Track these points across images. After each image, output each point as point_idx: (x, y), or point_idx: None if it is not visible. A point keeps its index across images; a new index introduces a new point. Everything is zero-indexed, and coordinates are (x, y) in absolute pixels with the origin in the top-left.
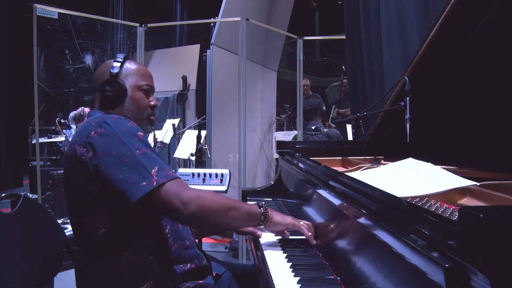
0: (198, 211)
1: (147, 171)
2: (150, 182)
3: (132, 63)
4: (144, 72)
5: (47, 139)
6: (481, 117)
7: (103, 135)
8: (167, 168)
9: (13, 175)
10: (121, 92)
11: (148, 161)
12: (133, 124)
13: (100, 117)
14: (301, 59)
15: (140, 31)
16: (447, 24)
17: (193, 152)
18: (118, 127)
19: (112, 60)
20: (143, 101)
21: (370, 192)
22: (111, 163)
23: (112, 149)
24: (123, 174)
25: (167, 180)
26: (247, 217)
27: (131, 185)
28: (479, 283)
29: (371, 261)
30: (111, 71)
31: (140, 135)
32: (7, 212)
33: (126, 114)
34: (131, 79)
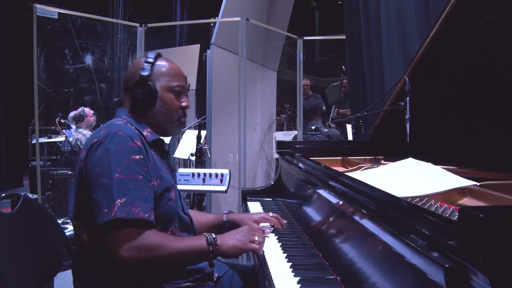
0: (134, 262)
1: (113, 199)
2: (110, 212)
3: (164, 61)
4: (176, 72)
5: (47, 139)
6: (481, 117)
7: (99, 147)
8: (137, 204)
9: (13, 175)
10: (151, 95)
11: (119, 189)
12: (134, 145)
13: (111, 127)
14: (301, 59)
15: (140, 31)
16: (447, 24)
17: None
18: (114, 144)
19: (143, 58)
20: (173, 103)
21: (370, 192)
22: (92, 179)
23: (98, 165)
24: (96, 194)
25: (125, 217)
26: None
27: (97, 207)
28: (479, 283)
29: (371, 261)
30: (141, 73)
31: (133, 158)
32: (7, 212)
33: (156, 118)
34: (162, 80)
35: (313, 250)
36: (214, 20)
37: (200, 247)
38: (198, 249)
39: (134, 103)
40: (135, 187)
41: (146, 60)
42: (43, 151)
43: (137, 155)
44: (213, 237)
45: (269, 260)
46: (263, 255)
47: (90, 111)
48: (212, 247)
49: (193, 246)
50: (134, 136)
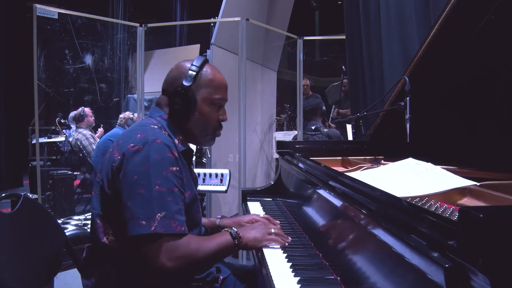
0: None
1: (153, 212)
2: (149, 225)
3: (209, 70)
4: (219, 84)
5: (47, 139)
6: (481, 117)
7: (137, 154)
8: (176, 217)
9: (13, 175)
10: (190, 107)
11: (159, 202)
12: (172, 156)
13: (148, 132)
14: (301, 59)
15: (140, 31)
16: (447, 24)
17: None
18: (153, 154)
19: (188, 63)
20: (211, 115)
21: (370, 192)
22: (128, 186)
23: (135, 173)
24: (132, 203)
25: (165, 232)
26: (224, 253)
27: (133, 218)
28: (479, 283)
29: (371, 261)
30: (184, 82)
31: (171, 170)
32: (7, 212)
33: (191, 128)
34: (204, 91)
35: (313, 250)
36: (214, 20)
37: (228, 242)
38: (226, 244)
39: (171, 111)
40: (173, 200)
41: (190, 68)
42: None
43: (174, 167)
44: (235, 231)
45: (269, 260)
46: (263, 255)
47: (90, 111)
48: (237, 240)
49: (222, 243)
50: (172, 146)
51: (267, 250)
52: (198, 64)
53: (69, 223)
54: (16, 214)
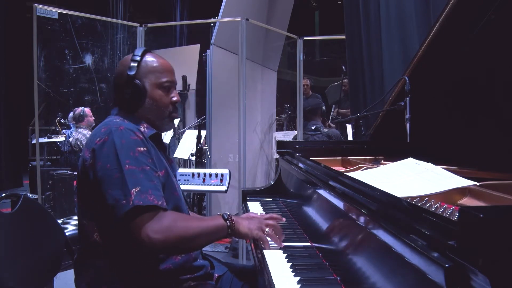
0: (163, 246)
1: (128, 189)
2: (128, 201)
3: (151, 57)
4: (164, 67)
5: (47, 139)
6: (481, 117)
7: (104, 144)
8: (150, 192)
9: (13, 175)
10: (139, 94)
11: (132, 179)
12: (137, 138)
13: (111, 124)
14: (301, 59)
15: (140, 31)
16: (447, 24)
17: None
18: (118, 139)
19: (130, 56)
20: (163, 99)
21: (370, 192)
22: (104, 175)
23: (107, 161)
24: (112, 189)
25: (143, 204)
26: (215, 235)
27: (116, 202)
28: (479, 283)
29: (371, 261)
30: (128, 72)
31: (138, 150)
32: (7, 212)
33: (146, 115)
34: (151, 77)
35: (313, 250)
36: (214, 20)
37: (219, 224)
38: (217, 226)
39: (123, 102)
40: (145, 177)
41: (132, 58)
42: (43, 151)
43: (141, 147)
44: (228, 214)
45: (269, 260)
46: (263, 255)
47: (90, 111)
48: (229, 222)
49: (212, 224)
50: (135, 130)
51: (267, 250)
52: (139, 53)
53: (69, 223)
54: (16, 214)
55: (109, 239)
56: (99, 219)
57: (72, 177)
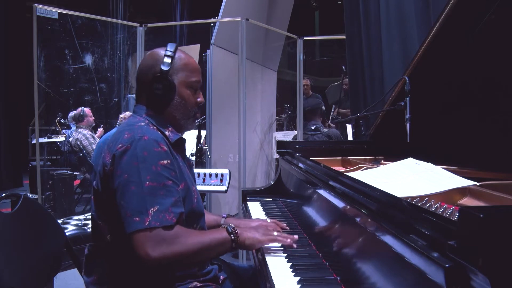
0: (161, 262)
1: (145, 208)
2: (143, 220)
3: (182, 55)
4: (194, 67)
5: (47, 139)
6: (481, 117)
7: (126, 153)
8: (170, 210)
9: (13, 175)
10: (171, 91)
11: (151, 197)
12: (161, 150)
13: (135, 131)
14: (301, 59)
15: (140, 31)
16: (447, 24)
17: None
18: (141, 150)
19: (161, 50)
20: (190, 99)
21: (370, 192)
22: (120, 186)
23: (126, 172)
24: (125, 201)
25: (160, 225)
26: (218, 249)
27: (127, 216)
28: (479, 283)
29: (371, 261)
30: (162, 67)
31: (161, 164)
32: (7, 212)
33: (173, 113)
34: (181, 75)
35: (313, 250)
36: (214, 20)
37: (223, 238)
38: (220, 239)
39: (152, 99)
40: (166, 193)
41: (166, 54)
42: (43, 151)
43: (164, 160)
44: (232, 226)
45: (269, 260)
46: (263, 255)
47: (90, 111)
48: (234, 235)
49: (216, 238)
50: (160, 140)
51: (267, 250)
52: (172, 49)
53: (69, 223)
54: (16, 214)
55: (121, 243)
56: (113, 223)
57: (72, 177)
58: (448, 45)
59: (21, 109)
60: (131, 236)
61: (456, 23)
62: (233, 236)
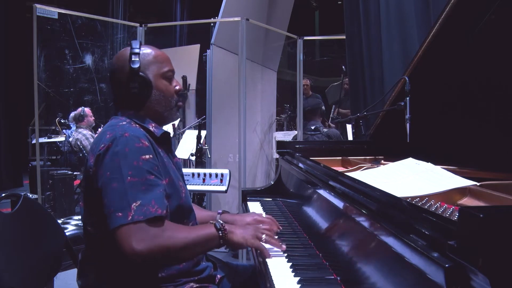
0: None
1: (128, 203)
2: (126, 215)
3: (147, 49)
4: (163, 58)
5: (47, 139)
6: (481, 117)
7: (107, 151)
8: (153, 203)
9: (13, 175)
10: (147, 86)
11: (133, 192)
12: (142, 145)
13: (116, 130)
14: (301, 59)
15: (140, 31)
16: (447, 24)
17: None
18: (122, 147)
19: (127, 50)
20: (168, 89)
21: (370, 192)
22: (103, 183)
23: (108, 169)
24: (108, 198)
25: (143, 219)
26: (205, 245)
27: (110, 212)
28: (479, 283)
29: (371, 261)
30: (132, 66)
31: (143, 158)
32: (7, 212)
33: (154, 108)
34: (153, 68)
35: (313, 250)
36: (214, 20)
37: (211, 233)
38: (208, 235)
39: (130, 98)
40: (148, 187)
41: (132, 51)
42: (43, 151)
43: (146, 155)
44: (220, 223)
45: (269, 260)
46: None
47: (90, 111)
48: (221, 232)
49: (203, 233)
50: (141, 136)
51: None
52: (137, 46)
53: (69, 223)
54: (16, 214)
55: (113, 245)
56: (102, 226)
57: (72, 177)
58: (448, 45)
59: (21, 109)
60: (115, 231)
61: (456, 23)
62: (221, 233)
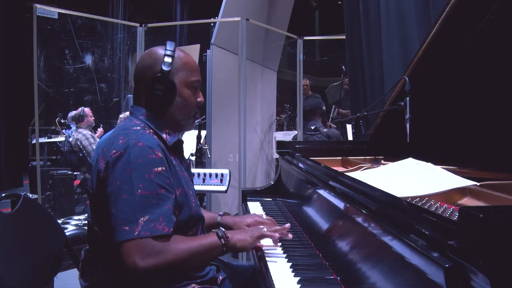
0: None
1: (135, 217)
2: (133, 230)
3: (182, 54)
4: (194, 66)
5: (47, 139)
6: (481, 117)
7: (119, 160)
8: (161, 219)
9: (13, 175)
10: (172, 91)
11: (142, 206)
12: (155, 157)
13: (129, 136)
14: (301, 59)
15: (140, 31)
16: (447, 24)
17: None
18: (135, 157)
19: (159, 49)
20: (191, 99)
21: (370, 192)
22: (112, 193)
23: (119, 179)
24: (116, 209)
25: (150, 235)
26: (209, 254)
27: (117, 224)
28: (479, 283)
29: (371, 261)
30: (163, 67)
31: (155, 171)
32: (7, 212)
33: (173, 114)
34: (181, 75)
35: (313, 250)
36: (214, 20)
37: (213, 242)
38: (211, 244)
39: (152, 100)
40: (158, 202)
41: (166, 53)
42: (43, 151)
43: (159, 167)
44: (222, 230)
45: (269, 260)
46: (262, 254)
47: (90, 111)
48: (224, 240)
49: (206, 243)
50: (155, 147)
51: (267, 250)
52: (172, 48)
53: (69, 223)
54: (16, 214)
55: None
56: (108, 228)
57: (72, 177)
58: (448, 45)
59: (21, 109)
60: (120, 245)
61: (456, 23)
62: (223, 240)
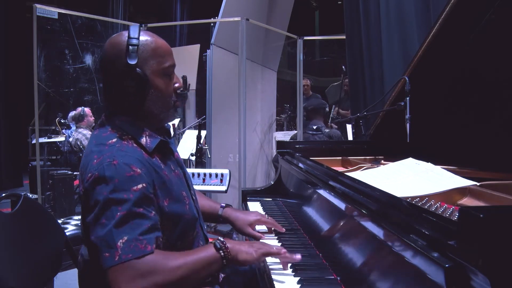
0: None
1: (113, 240)
2: (113, 255)
3: (149, 39)
4: (165, 51)
5: (47, 139)
6: (481, 117)
7: (94, 183)
8: (140, 238)
9: (13, 175)
10: (144, 86)
11: (121, 228)
12: (133, 174)
13: (104, 153)
14: (301, 59)
15: None
16: (447, 24)
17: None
18: (111, 178)
19: (121, 36)
20: (168, 87)
21: (370, 192)
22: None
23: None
24: (94, 235)
25: (132, 257)
26: (207, 270)
27: (98, 251)
28: (479, 283)
29: (371, 261)
30: (129, 61)
31: (134, 189)
32: (7, 212)
33: (149, 109)
34: (152, 63)
35: (313, 250)
36: (214, 20)
37: (211, 255)
38: (209, 258)
39: (123, 99)
40: (138, 221)
41: (130, 42)
42: (43, 151)
43: (138, 185)
44: (221, 241)
45: (269, 259)
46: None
47: (90, 111)
48: (223, 252)
49: (203, 257)
50: (132, 162)
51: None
52: (136, 35)
53: (69, 223)
54: (16, 214)
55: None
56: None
57: (72, 177)
58: (448, 45)
59: (21, 109)
60: (106, 272)
61: (456, 23)
62: (222, 253)
